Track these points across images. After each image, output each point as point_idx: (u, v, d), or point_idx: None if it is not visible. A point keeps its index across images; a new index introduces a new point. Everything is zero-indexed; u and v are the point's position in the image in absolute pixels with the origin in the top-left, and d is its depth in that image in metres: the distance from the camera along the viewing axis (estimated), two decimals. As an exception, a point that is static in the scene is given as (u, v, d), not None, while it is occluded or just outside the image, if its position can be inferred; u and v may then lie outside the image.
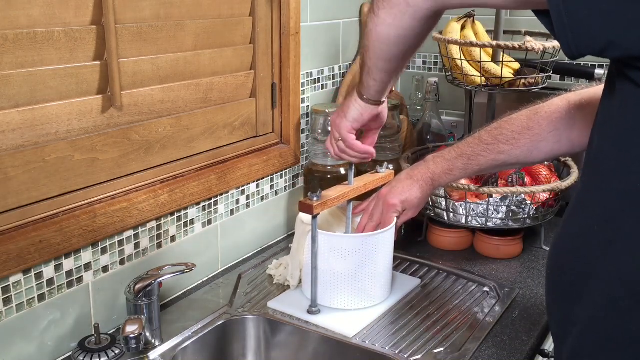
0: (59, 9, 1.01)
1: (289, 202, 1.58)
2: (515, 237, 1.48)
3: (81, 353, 1.05)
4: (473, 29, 1.58)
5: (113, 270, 1.15)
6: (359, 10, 1.73)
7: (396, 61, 0.99)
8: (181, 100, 1.25)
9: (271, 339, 1.22)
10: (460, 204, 1.46)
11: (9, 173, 0.97)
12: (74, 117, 1.06)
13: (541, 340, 1.19)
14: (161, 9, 1.18)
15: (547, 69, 1.53)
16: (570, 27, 0.67)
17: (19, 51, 0.96)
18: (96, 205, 1.11)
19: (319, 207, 1.15)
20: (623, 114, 0.71)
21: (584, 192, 0.79)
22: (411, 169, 1.26)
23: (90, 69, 1.07)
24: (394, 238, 1.26)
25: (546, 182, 1.49)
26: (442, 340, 1.14)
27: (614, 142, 0.73)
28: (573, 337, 0.78)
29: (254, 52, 1.41)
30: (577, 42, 0.67)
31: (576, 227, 0.79)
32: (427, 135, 1.74)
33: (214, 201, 1.36)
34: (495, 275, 1.40)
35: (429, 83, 1.71)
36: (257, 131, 1.47)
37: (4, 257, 0.95)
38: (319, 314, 1.21)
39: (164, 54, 1.20)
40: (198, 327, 1.18)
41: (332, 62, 1.66)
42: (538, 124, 1.10)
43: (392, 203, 1.23)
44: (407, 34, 0.90)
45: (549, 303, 0.85)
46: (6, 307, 0.99)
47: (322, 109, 1.50)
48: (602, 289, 0.73)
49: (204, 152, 1.33)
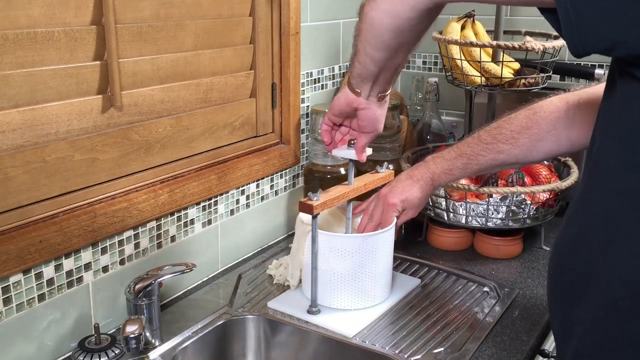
0: (59, 9, 1.01)
1: (289, 202, 1.58)
2: (515, 237, 1.48)
3: (81, 353, 1.05)
4: (473, 29, 1.57)
5: (113, 270, 1.15)
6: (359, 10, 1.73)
7: (386, 51, 0.96)
8: (181, 100, 1.25)
9: (271, 339, 1.22)
10: (460, 204, 1.46)
11: (9, 173, 0.97)
12: (74, 117, 1.06)
13: (541, 340, 1.19)
14: (161, 9, 1.18)
15: (547, 69, 1.53)
16: (577, 25, 0.66)
17: (19, 51, 0.96)
18: (96, 205, 1.11)
19: (319, 207, 1.15)
20: (625, 112, 0.71)
21: (585, 191, 0.79)
22: (411, 169, 1.26)
23: (90, 69, 1.07)
24: (394, 238, 1.26)
25: (546, 182, 1.49)
26: (442, 340, 1.14)
27: (614, 141, 0.73)
28: (574, 338, 0.78)
29: (254, 52, 1.41)
30: (584, 41, 0.67)
31: (576, 227, 0.79)
32: (427, 135, 1.74)
33: (214, 201, 1.36)
34: (495, 275, 1.40)
35: (429, 83, 1.71)
36: (257, 131, 1.47)
37: (4, 257, 0.96)
38: (319, 314, 1.21)
39: (164, 54, 1.20)
40: (198, 327, 1.18)
41: (332, 62, 1.66)
42: (537, 124, 1.10)
43: (392, 203, 1.23)
44: (403, 23, 0.88)
45: (550, 303, 0.85)
46: (6, 307, 0.99)
47: (322, 109, 1.50)
48: (602, 289, 0.73)
49: (204, 152, 1.33)
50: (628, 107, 0.70)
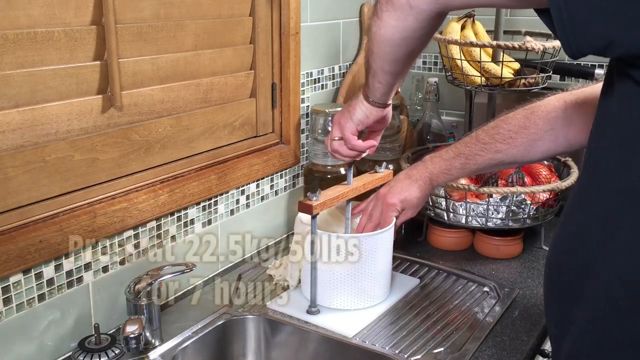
0: (59, 9, 1.01)
1: (289, 202, 1.58)
2: (515, 237, 1.48)
3: (81, 353, 1.05)
4: (473, 29, 1.58)
5: (113, 270, 1.15)
6: (359, 10, 1.73)
7: (402, 63, 0.99)
8: (181, 100, 1.25)
9: (271, 339, 1.22)
10: (460, 204, 1.46)
11: (9, 173, 0.98)
12: (74, 117, 1.06)
13: (541, 340, 1.19)
14: (161, 9, 1.18)
15: (547, 69, 1.53)
16: (570, 26, 0.66)
17: (19, 51, 0.96)
18: (96, 205, 1.11)
19: (319, 207, 1.15)
20: (622, 111, 0.71)
21: (583, 191, 0.79)
22: (409, 169, 1.26)
23: (90, 69, 1.07)
24: (393, 238, 1.26)
25: (546, 182, 1.49)
26: (442, 340, 1.14)
27: (613, 141, 0.73)
28: (571, 337, 0.78)
29: (254, 52, 1.41)
30: (578, 41, 0.67)
31: (574, 227, 0.79)
32: (427, 135, 1.74)
33: (214, 201, 1.36)
34: (495, 275, 1.40)
35: (429, 83, 1.71)
36: (257, 131, 1.47)
37: (4, 257, 0.96)
38: (319, 314, 1.21)
39: (164, 54, 1.20)
40: (198, 327, 1.18)
41: (332, 62, 1.66)
42: (534, 123, 1.10)
43: (391, 203, 1.23)
44: (411, 35, 0.90)
45: (547, 303, 0.85)
46: (6, 307, 0.99)
47: (322, 109, 1.50)
48: (601, 288, 0.73)
49: (204, 152, 1.33)
50: (627, 107, 0.70)
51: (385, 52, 0.96)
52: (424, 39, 0.93)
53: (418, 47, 0.96)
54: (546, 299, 0.86)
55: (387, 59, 0.98)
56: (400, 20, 0.88)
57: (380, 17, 0.90)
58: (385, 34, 0.92)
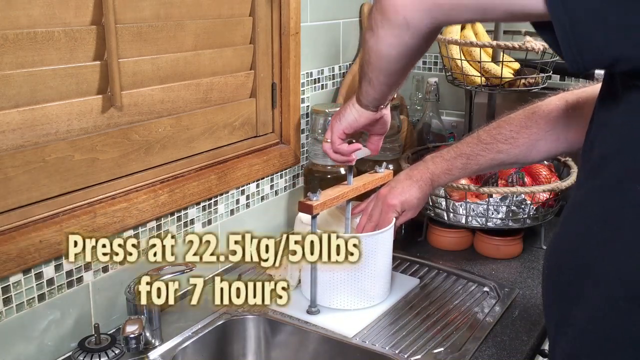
0: (59, 9, 1.01)
1: (289, 202, 1.58)
2: (515, 237, 1.49)
3: (81, 353, 1.05)
4: (473, 29, 1.58)
5: (113, 270, 1.15)
6: (359, 10, 1.73)
7: (398, 75, 0.99)
8: (181, 100, 1.25)
9: (271, 339, 1.22)
10: (460, 204, 1.46)
11: (9, 173, 0.98)
12: (74, 117, 1.06)
13: (541, 340, 1.19)
14: (161, 9, 1.18)
15: (547, 69, 1.53)
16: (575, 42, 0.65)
17: (19, 51, 0.96)
18: (96, 205, 1.11)
19: (319, 207, 1.15)
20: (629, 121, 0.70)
21: (583, 192, 0.79)
22: (410, 169, 1.26)
23: (90, 69, 1.07)
24: (392, 238, 1.26)
25: (546, 182, 1.49)
26: (442, 340, 1.14)
27: (616, 148, 0.72)
28: (571, 338, 0.78)
29: (254, 52, 1.41)
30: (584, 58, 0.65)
31: (574, 227, 0.79)
32: (427, 135, 1.74)
33: (214, 201, 1.36)
34: (495, 275, 1.40)
35: (429, 83, 1.71)
36: (257, 131, 1.47)
37: (4, 257, 0.96)
38: (319, 314, 1.21)
39: (164, 54, 1.20)
40: (198, 327, 1.18)
41: (332, 62, 1.66)
42: (536, 124, 1.10)
43: (391, 204, 1.23)
44: (409, 50, 0.89)
45: (546, 303, 0.85)
46: (6, 307, 0.99)
47: (322, 109, 1.50)
48: (601, 288, 0.73)
49: (204, 152, 1.33)
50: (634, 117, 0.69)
51: (382, 67, 0.96)
52: (421, 51, 0.93)
53: (414, 60, 0.96)
54: (545, 299, 0.85)
55: (384, 73, 0.97)
56: (397, 38, 0.86)
57: (376, 33, 0.88)
58: (381, 51, 0.91)
